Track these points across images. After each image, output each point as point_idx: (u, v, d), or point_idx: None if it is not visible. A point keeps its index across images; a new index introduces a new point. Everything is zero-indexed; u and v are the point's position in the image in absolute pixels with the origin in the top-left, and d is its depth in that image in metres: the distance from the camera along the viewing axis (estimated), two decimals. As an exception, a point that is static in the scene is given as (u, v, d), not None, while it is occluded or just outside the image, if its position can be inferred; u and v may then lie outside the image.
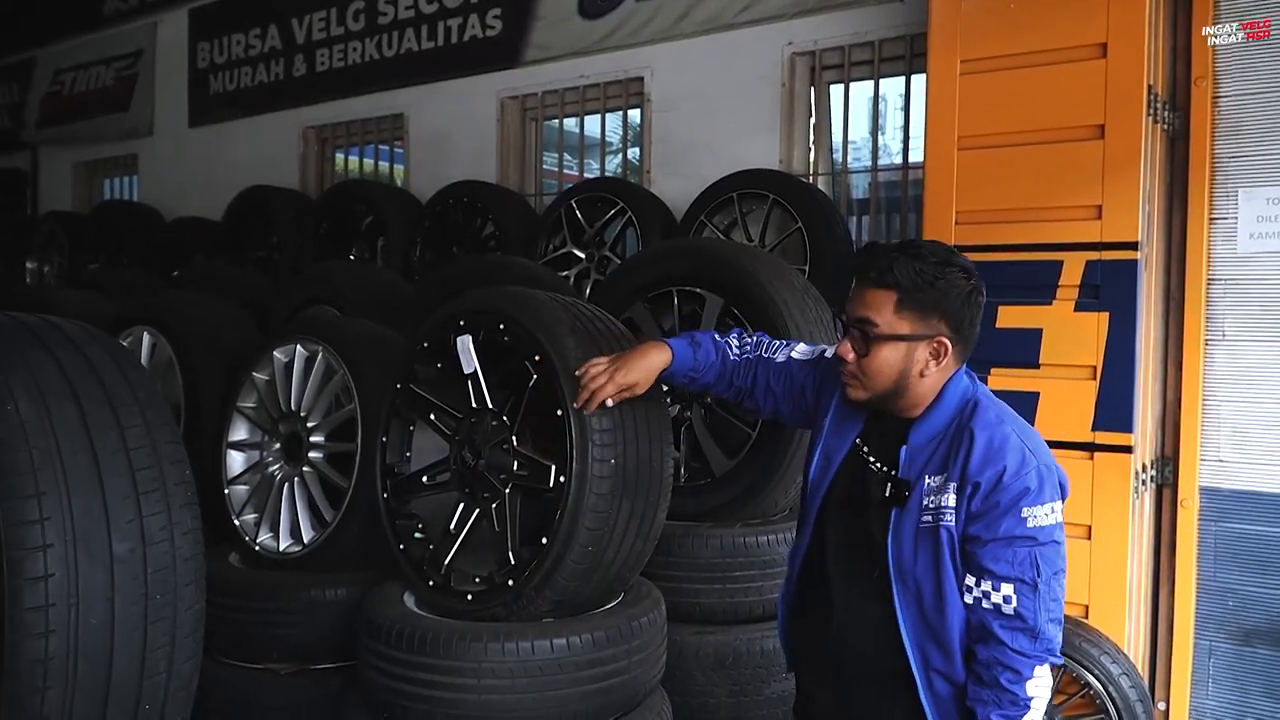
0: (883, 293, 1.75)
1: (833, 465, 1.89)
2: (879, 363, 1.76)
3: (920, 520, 1.74)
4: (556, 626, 2.26)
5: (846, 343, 1.79)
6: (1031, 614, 1.67)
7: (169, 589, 1.49)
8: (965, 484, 1.70)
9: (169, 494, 1.51)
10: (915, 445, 1.78)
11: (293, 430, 3.03)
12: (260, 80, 7.45)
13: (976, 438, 1.71)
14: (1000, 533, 1.68)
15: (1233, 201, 3.52)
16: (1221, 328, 3.53)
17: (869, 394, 1.80)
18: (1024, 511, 1.68)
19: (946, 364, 1.78)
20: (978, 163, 3.60)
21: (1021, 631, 1.68)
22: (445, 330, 2.47)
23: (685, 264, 3.07)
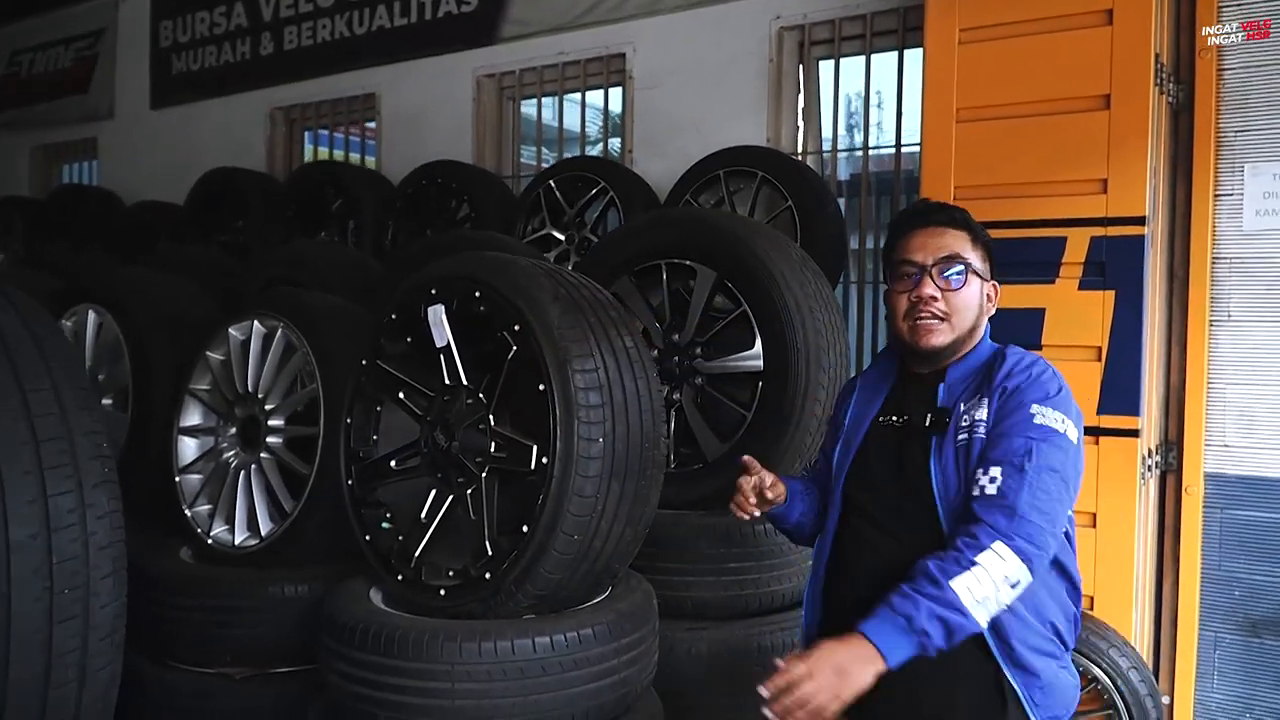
0: (959, 233, 1.83)
1: (853, 447, 1.91)
2: (967, 298, 1.81)
3: (958, 440, 1.75)
4: (539, 624, 2.06)
5: (929, 283, 1.80)
6: (1012, 492, 1.63)
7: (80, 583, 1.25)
8: (993, 391, 1.74)
9: (80, 470, 1.28)
10: (953, 380, 1.82)
11: (249, 414, 2.81)
12: (226, 60, 7.20)
13: (1009, 356, 1.79)
14: (1005, 426, 1.69)
15: (1239, 177, 3.42)
16: (1227, 308, 3.43)
17: (953, 334, 1.82)
18: (1034, 408, 1.69)
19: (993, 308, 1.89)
20: (977, 135, 3.48)
21: (998, 508, 1.63)
22: (415, 300, 2.26)
23: (674, 234, 2.89)
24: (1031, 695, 1.73)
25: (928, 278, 1.80)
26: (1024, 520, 1.61)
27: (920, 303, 1.81)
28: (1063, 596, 1.81)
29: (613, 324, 2.13)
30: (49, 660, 1.21)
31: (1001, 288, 3.26)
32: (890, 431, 1.87)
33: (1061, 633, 1.79)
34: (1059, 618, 1.79)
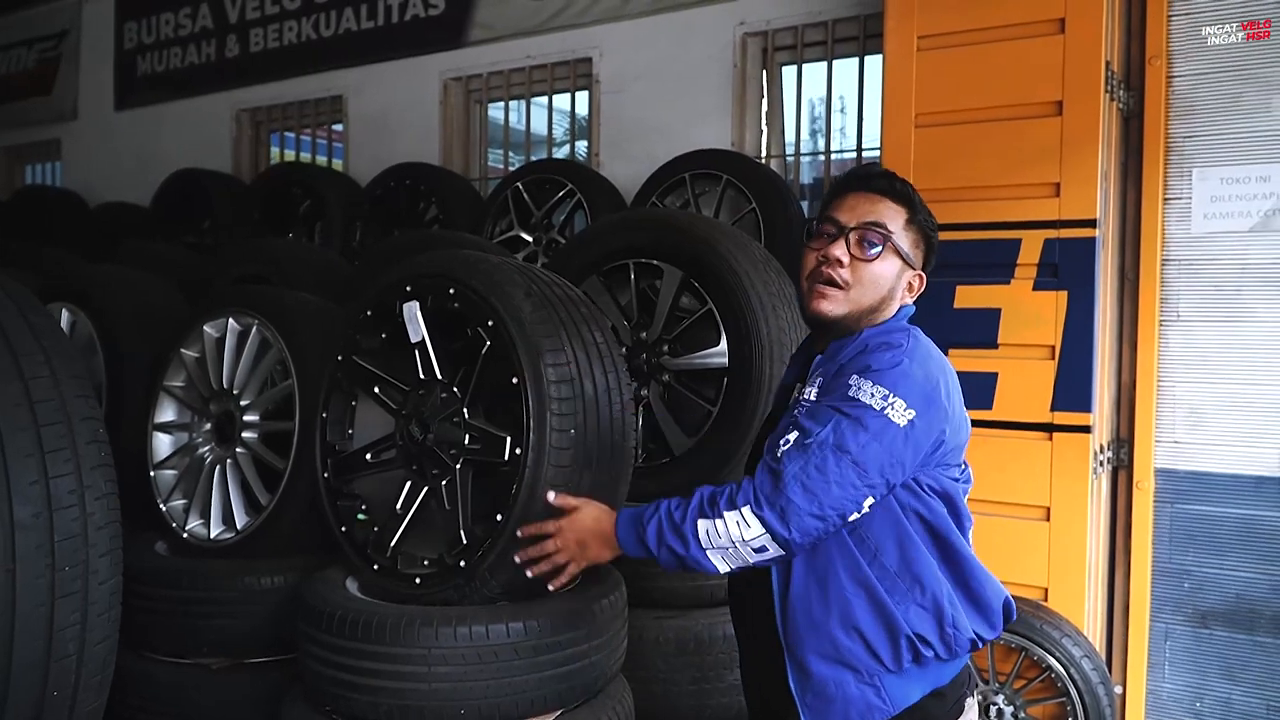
0: (895, 205, 1.68)
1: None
2: (877, 274, 1.66)
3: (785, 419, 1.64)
4: (512, 610, 2.11)
5: (841, 244, 1.66)
6: (789, 461, 1.53)
7: (79, 560, 1.31)
8: (832, 369, 1.63)
9: (79, 454, 1.33)
10: (827, 357, 1.69)
11: (225, 410, 2.84)
12: (191, 61, 7.17)
13: (870, 339, 1.64)
14: (822, 397, 1.59)
15: (1187, 181, 3.52)
16: (1176, 308, 3.53)
17: (848, 308, 1.67)
18: (852, 379, 1.56)
19: (909, 303, 1.73)
20: (935, 140, 3.56)
21: (770, 471, 1.54)
22: (390, 297, 2.30)
23: (642, 235, 2.95)
24: (803, 698, 1.63)
25: (842, 240, 1.66)
26: (783, 495, 1.51)
27: (824, 264, 1.66)
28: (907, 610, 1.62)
29: (583, 320, 2.19)
30: (50, 633, 1.26)
31: (959, 288, 3.46)
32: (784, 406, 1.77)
33: (873, 645, 1.61)
34: (880, 630, 1.61)
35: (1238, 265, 3.42)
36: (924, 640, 1.61)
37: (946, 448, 1.64)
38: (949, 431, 1.63)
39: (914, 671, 1.63)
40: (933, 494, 1.64)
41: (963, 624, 1.64)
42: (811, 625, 1.62)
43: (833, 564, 1.63)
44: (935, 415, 1.59)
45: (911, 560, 1.63)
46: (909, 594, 1.62)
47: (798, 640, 1.64)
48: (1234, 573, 3.42)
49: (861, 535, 1.63)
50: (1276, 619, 3.36)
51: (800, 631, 1.63)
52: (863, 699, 1.61)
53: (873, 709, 1.61)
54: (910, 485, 1.62)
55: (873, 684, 1.61)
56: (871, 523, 1.62)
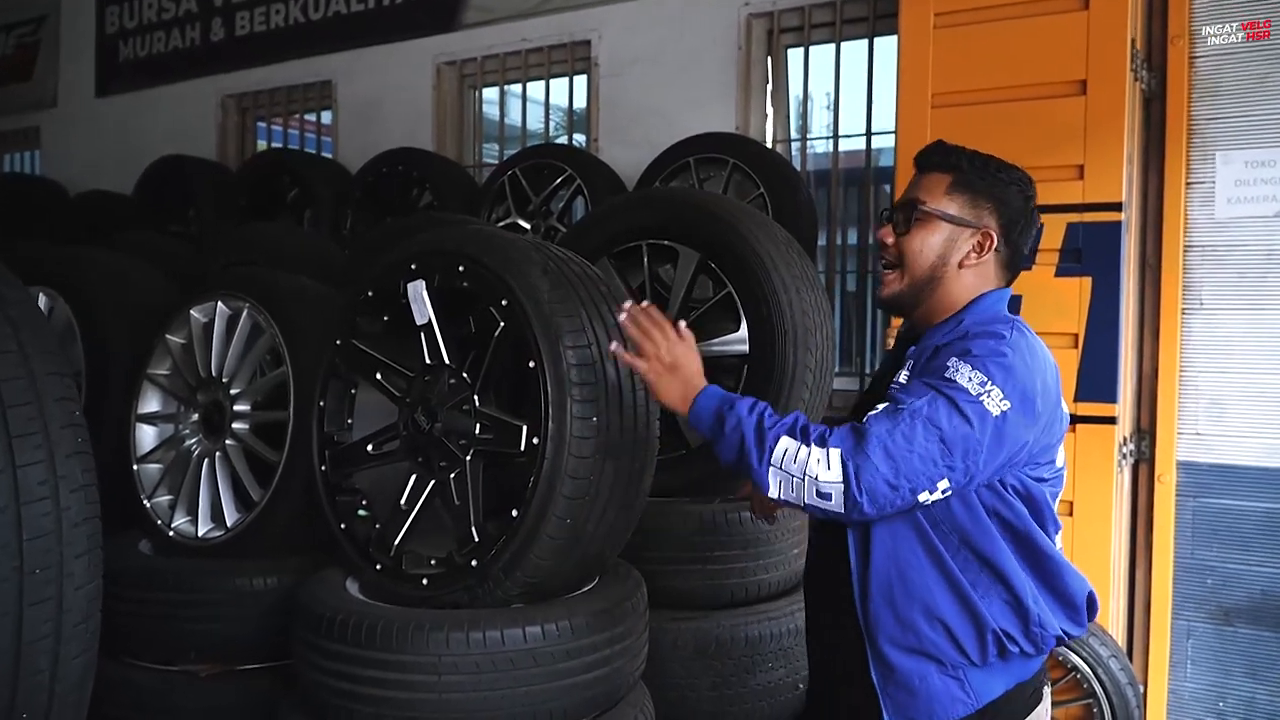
0: (939, 175, 1.70)
1: None
2: (919, 243, 1.67)
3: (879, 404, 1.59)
4: (529, 613, 1.96)
5: (886, 226, 1.72)
6: (876, 423, 1.49)
7: (52, 562, 1.13)
8: (924, 352, 1.62)
9: (51, 439, 1.15)
10: (926, 345, 1.66)
11: (213, 399, 2.68)
12: (175, 46, 6.97)
13: (969, 328, 1.62)
14: (918, 373, 1.59)
15: (1210, 165, 3.45)
16: (1199, 296, 3.46)
17: (904, 284, 1.69)
18: (950, 361, 1.54)
19: (986, 267, 1.69)
20: (953, 121, 3.46)
21: (855, 430, 1.50)
22: (394, 276, 2.15)
23: (656, 214, 2.81)
24: (885, 689, 1.61)
25: (888, 224, 1.71)
26: (863, 452, 1.47)
27: (880, 250, 1.74)
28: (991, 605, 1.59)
29: (604, 299, 2.04)
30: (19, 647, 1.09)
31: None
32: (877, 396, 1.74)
33: (958, 638, 1.59)
34: (965, 623, 1.59)
35: (1263, 251, 3.37)
36: (1010, 637, 1.59)
37: (1034, 448, 1.60)
38: (1039, 431, 1.59)
39: (998, 665, 1.61)
40: (1015, 495, 1.61)
41: (1049, 622, 1.60)
42: (893, 612, 1.60)
43: (916, 553, 1.60)
44: (1028, 414, 1.55)
45: (993, 558, 1.59)
46: (992, 590, 1.60)
47: (877, 626, 1.61)
48: (1258, 569, 3.37)
49: (944, 529, 1.60)
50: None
51: (880, 617, 1.61)
52: (946, 692, 1.59)
53: (956, 702, 1.59)
54: (994, 485, 1.59)
55: (956, 677, 1.60)
56: (953, 517, 1.59)
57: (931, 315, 1.71)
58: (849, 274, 4.85)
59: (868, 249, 4.72)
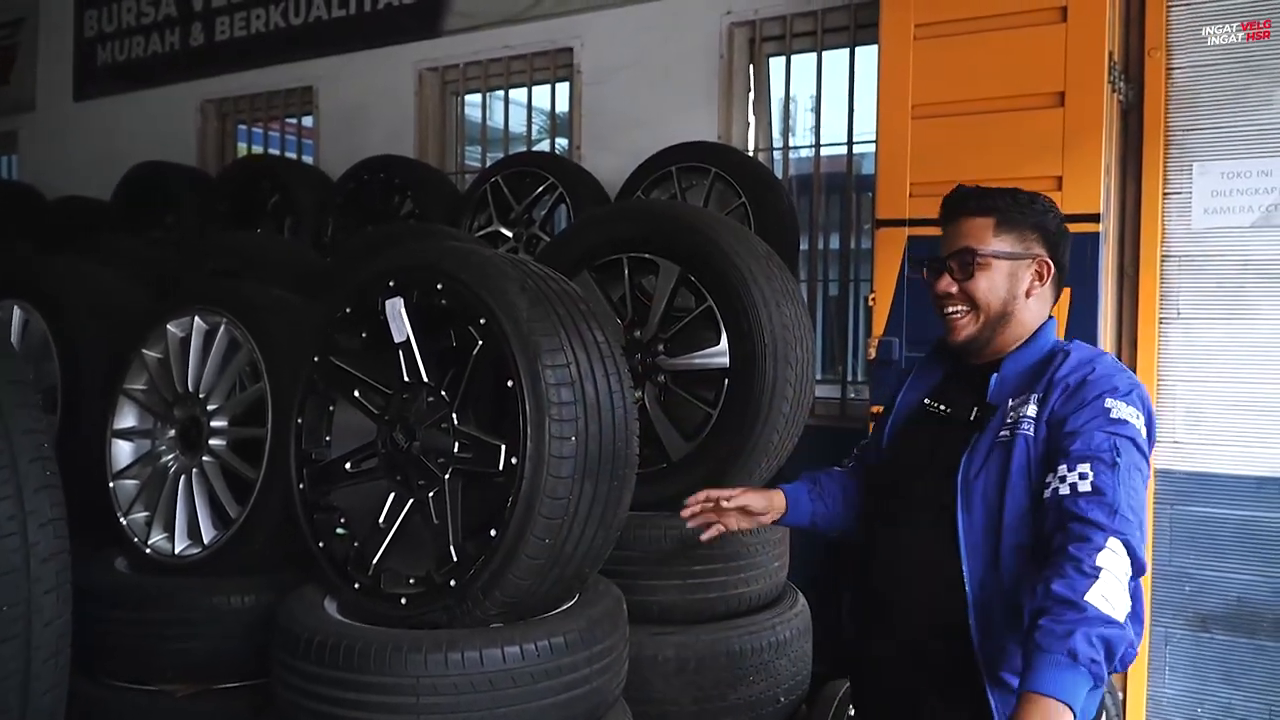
0: (980, 220, 1.81)
1: (897, 430, 1.94)
2: (987, 285, 1.79)
3: (997, 437, 1.72)
4: (508, 632, 1.95)
5: (945, 277, 1.82)
6: (1110, 488, 1.56)
7: (20, 598, 1.12)
8: (1051, 390, 1.69)
9: (20, 473, 1.14)
10: (1007, 373, 1.79)
11: (190, 415, 2.65)
12: (154, 50, 6.93)
13: (1073, 353, 1.74)
14: (1082, 422, 1.64)
15: (1187, 175, 3.47)
16: (1176, 305, 3.48)
17: (979, 324, 1.81)
18: (1108, 402, 1.65)
19: (1046, 291, 1.83)
20: (933, 132, 3.47)
21: (1098, 504, 1.55)
22: (372, 293, 2.14)
23: (637, 228, 2.80)
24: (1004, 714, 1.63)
25: (945, 274, 1.82)
26: (1123, 518, 1.53)
27: (941, 298, 1.83)
28: None
29: (583, 317, 2.03)
30: (-15, 686, 1.08)
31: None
32: (931, 418, 1.87)
33: None
34: None
35: (1239, 261, 3.38)
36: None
37: None
38: None
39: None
40: None
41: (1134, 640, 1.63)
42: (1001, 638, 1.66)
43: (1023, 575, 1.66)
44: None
45: None
46: None
47: (1001, 656, 1.65)
48: (1235, 575, 3.39)
49: None
50: (1278, 622, 3.30)
51: (1001, 648, 1.65)
52: None
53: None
54: None
55: None
56: None
57: (1005, 344, 1.82)
58: (831, 281, 4.86)
59: (849, 255, 4.73)
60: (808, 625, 2.93)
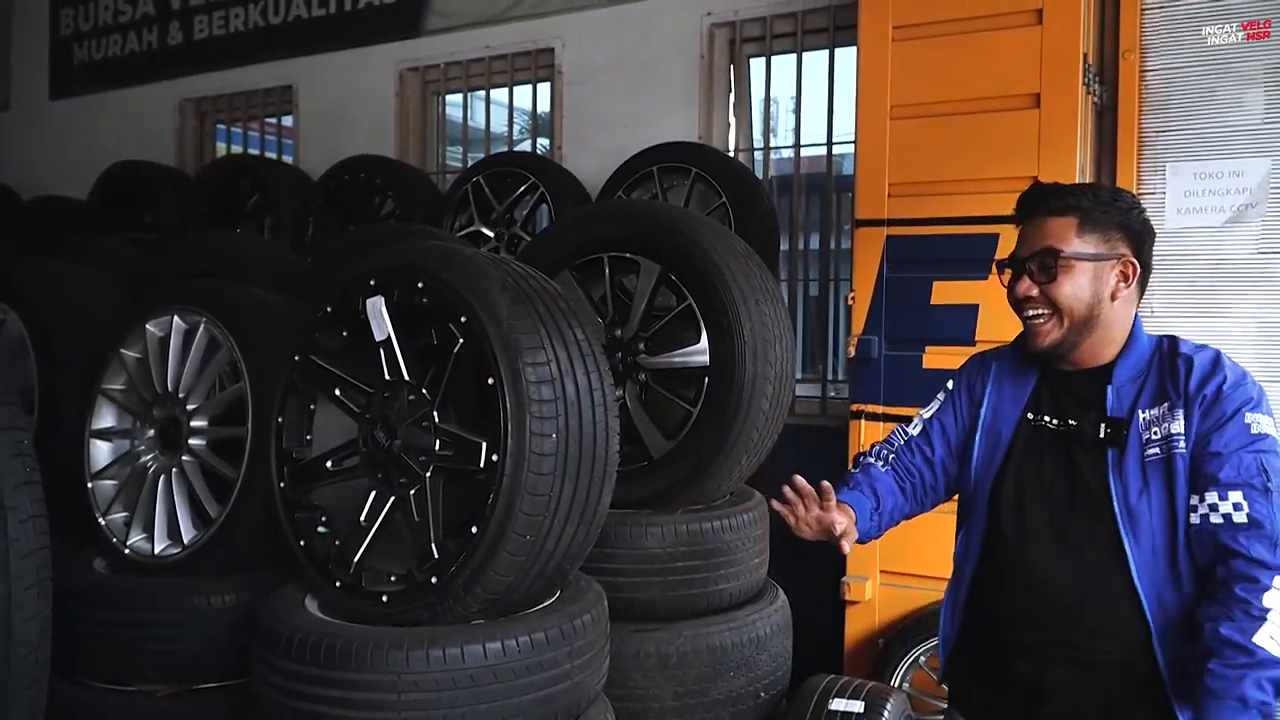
0: (1062, 219, 1.73)
1: (1001, 446, 1.84)
2: (1071, 288, 1.72)
3: (1146, 455, 1.67)
4: (489, 629, 1.95)
5: (1025, 280, 1.75)
6: (1267, 519, 1.57)
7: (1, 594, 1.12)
8: (1191, 404, 1.65)
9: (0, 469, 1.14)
10: (1121, 382, 1.73)
11: (169, 415, 2.64)
12: (131, 49, 6.88)
13: (1194, 360, 1.69)
14: (1225, 442, 1.62)
15: (1160, 176, 3.51)
16: (1150, 305, 3.50)
17: (1063, 329, 1.74)
18: (1247, 417, 1.63)
19: (1132, 293, 1.76)
20: (911, 133, 3.51)
21: (1258, 538, 1.56)
22: (353, 292, 2.13)
23: (618, 228, 2.80)
24: None
25: (1025, 276, 1.75)
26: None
27: (1021, 302, 1.77)
28: None
29: (564, 315, 2.04)
30: (-34, 681, 1.08)
31: (936, 284, 3.39)
32: (1052, 436, 1.78)
33: None
34: None
35: (1211, 261, 3.42)
36: None
37: None
38: None
39: None
40: None
41: None
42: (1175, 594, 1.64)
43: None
44: None
45: None
46: None
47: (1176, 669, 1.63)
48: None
49: None
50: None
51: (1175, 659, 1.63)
52: None
53: None
54: None
55: None
56: None
57: (1097, 349, 1.76)
58: (811, 280, 4.89)
59: (830, 255, 4.76)
60: (788, 621, 2.94)
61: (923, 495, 1.98)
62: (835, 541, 1.79)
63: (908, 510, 1.98)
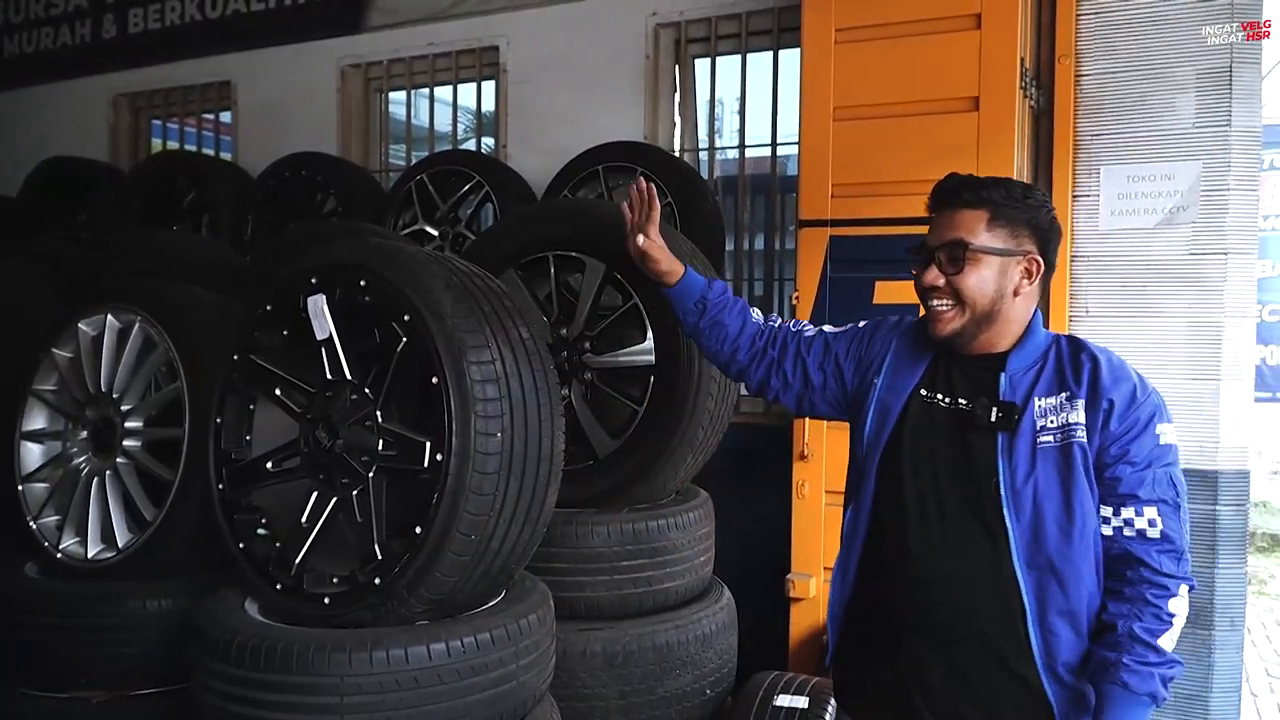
0: (974, 212, 1.75)
1: (891, 418, 1.84)
2: (976, 281, 1.73)
3: (1038, 441, 1.70)
4: (433, 630, 1.94)
5: (933, 269, 1.76)
6: (1176, 533, 1.66)
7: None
8: (1098, 400, 1.67)
9: None
10: (1015, 370, 1.75)
11: (103, 415, 2.58)
12: (64, 42, 6.68)
13: (1100, 359, 1.71)
14: (1139, 453, 1.66)
15: (1094, 179, 3.58)
16: (1085, 305, 3.59)
17: (964, 320, 1.75)
18: (1158, 428, 1.67)
19: (1034, 290, 1.78)
20: (854, 134, 3.53)
21: (1168, 553, 1.65)
22: (294, 290, 2.10)
23: (563, 226, 2.80)
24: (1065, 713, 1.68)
25: (932, 264, 1.76)
26: (1186, 561, 1.66)
27: (926, 290, 1.77)
28: None
29: (508, 314, 2.03)
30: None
31: (878, 284, 3.43)
32: (944, 415, 1.79)
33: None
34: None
35: (1143, 261, 3.50)
36: None
37: None
38: None
39: None
40: None
41: None
42: (1071, 644, 1.68)
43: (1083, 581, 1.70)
44: None
45: None
46: None
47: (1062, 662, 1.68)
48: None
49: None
50: (1198, 610, 3.41)
51: (1064, 653, 1.68)
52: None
53: None
54: None
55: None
56: None
57: (994, 340, 1.78)
58: (756, 280, 4.92)
59: (774, 255, 4.79)
60: (733, 619, 2.96)
61: (754, 351, 2.04)
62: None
63: (743, 358, 2.04)
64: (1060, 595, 1.67)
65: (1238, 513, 3.39)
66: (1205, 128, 3.39)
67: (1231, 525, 3.38)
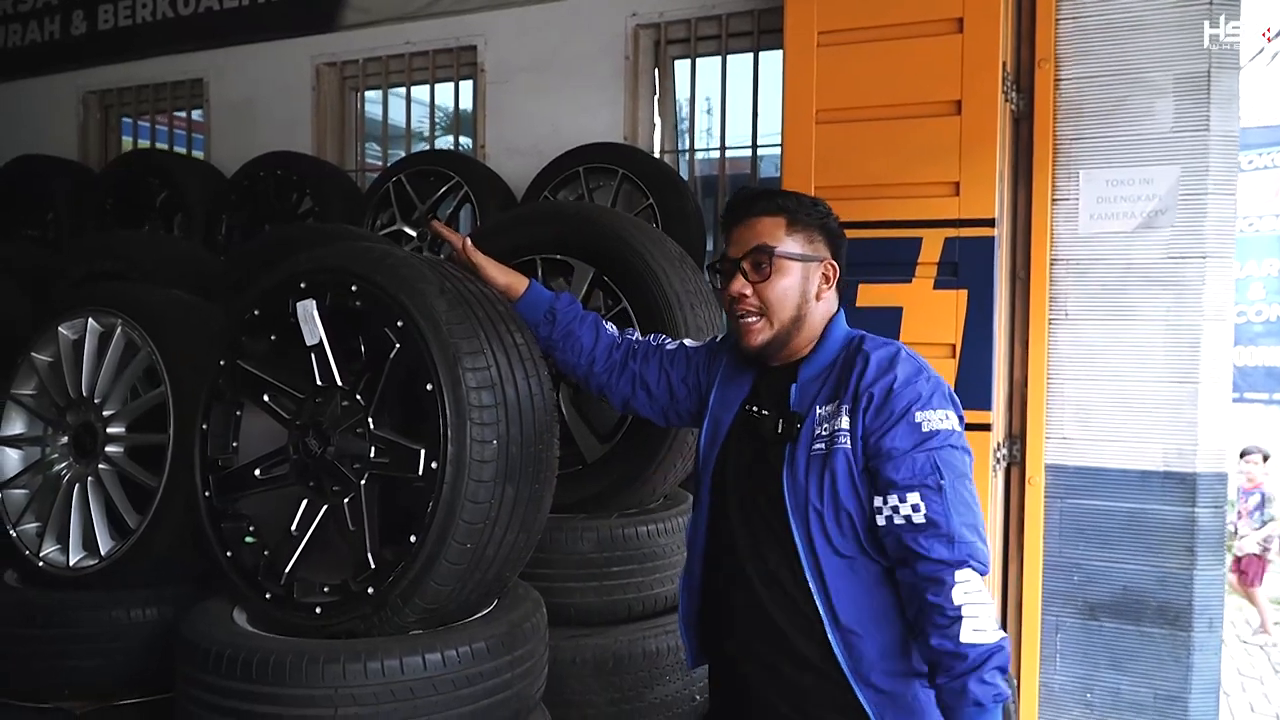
0: (772, 219, 1.80)
1: (721, 433, 1.87)
2: (781, 288, 1.78)
3: (812, 449, 1.71)
4: (428, 639, 1.91)
5: (739, 278, 1.80)
6: (942, 517, 1.61)
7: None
8: (859, 400, 1.68)
9: None
10: (804, 379, 1.78)
11: (84, 421, 2.53)
12: (32, 39, 6.57)
13: (870, 357, 1.72)
14: (896, 442, 1.65)
15: (1074, 183, 3.61)
16: (1065, 307, 3.62)
17: (773, 330, 1.79)
18: (917, 416, 1.65)
19: (833, 295, 1.83)
20: (837, 137, 3.54)
21: (936, 538, 1.60)
22: (282, 295, 2.07)
23: (550, 229, 2.78)
24: (884, 717, 1.68)
25: (738, 274, 1.80)
26: (960, 542, 1.59)
27: (735, 301, 1.80)
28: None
29: (502, 319, 2.01)
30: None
31: (861, 287, 3.44)
32: (753, 424, 1.81)
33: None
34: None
35: (1122, 264, 3.54)
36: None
37: None
38: None
39: None
40: None
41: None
42: (880, 646, 1.68)
43: (886, 586, 1.69)
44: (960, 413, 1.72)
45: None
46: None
47: (868, 665, 1.68)
48: (1121, 565, 3.53)
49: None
50: (1162, 609, 3.46)
51: (868, 655, 1.68)
52: (930, 700, 1.68)
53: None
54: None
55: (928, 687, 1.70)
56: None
57: (796, 349, 1.82)
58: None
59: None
60: (721, 623, 2.95)
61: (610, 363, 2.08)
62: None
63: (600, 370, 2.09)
64: (849, 599, 1.68)
65: (1215, 515, 3.44)
66: (1184, 132, 3.43)
67: (1210, 527, 3.42)
